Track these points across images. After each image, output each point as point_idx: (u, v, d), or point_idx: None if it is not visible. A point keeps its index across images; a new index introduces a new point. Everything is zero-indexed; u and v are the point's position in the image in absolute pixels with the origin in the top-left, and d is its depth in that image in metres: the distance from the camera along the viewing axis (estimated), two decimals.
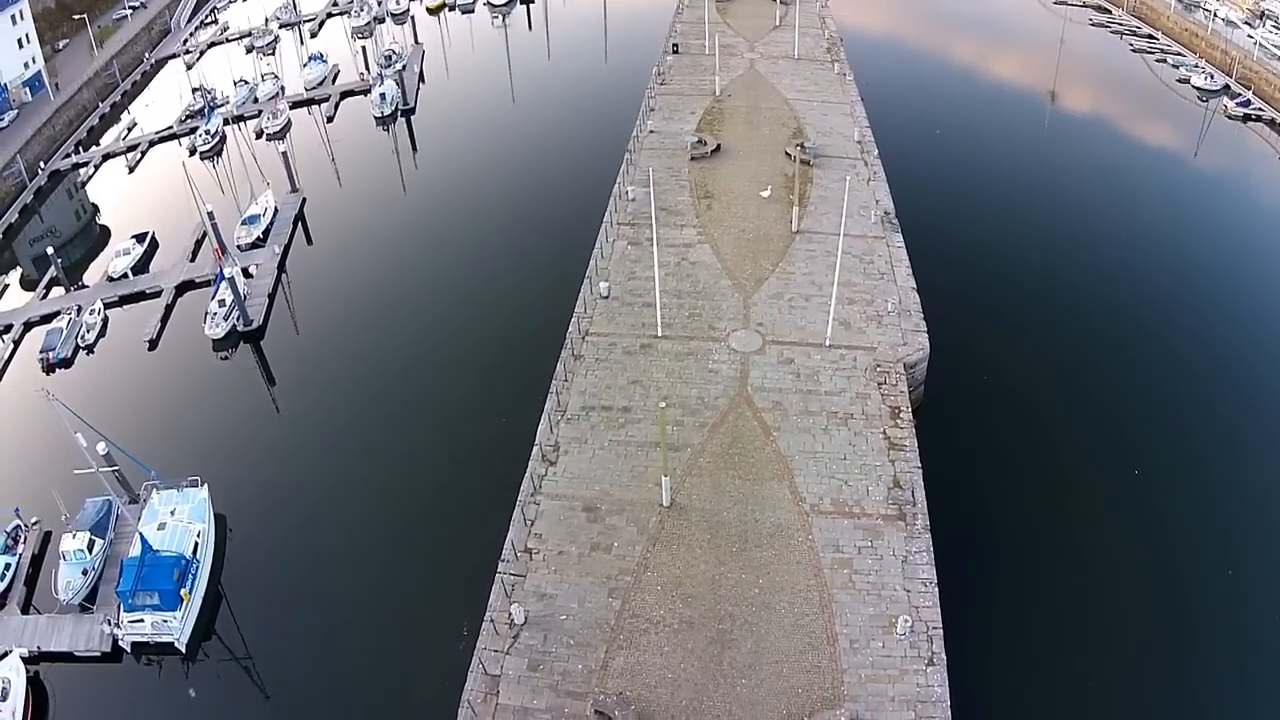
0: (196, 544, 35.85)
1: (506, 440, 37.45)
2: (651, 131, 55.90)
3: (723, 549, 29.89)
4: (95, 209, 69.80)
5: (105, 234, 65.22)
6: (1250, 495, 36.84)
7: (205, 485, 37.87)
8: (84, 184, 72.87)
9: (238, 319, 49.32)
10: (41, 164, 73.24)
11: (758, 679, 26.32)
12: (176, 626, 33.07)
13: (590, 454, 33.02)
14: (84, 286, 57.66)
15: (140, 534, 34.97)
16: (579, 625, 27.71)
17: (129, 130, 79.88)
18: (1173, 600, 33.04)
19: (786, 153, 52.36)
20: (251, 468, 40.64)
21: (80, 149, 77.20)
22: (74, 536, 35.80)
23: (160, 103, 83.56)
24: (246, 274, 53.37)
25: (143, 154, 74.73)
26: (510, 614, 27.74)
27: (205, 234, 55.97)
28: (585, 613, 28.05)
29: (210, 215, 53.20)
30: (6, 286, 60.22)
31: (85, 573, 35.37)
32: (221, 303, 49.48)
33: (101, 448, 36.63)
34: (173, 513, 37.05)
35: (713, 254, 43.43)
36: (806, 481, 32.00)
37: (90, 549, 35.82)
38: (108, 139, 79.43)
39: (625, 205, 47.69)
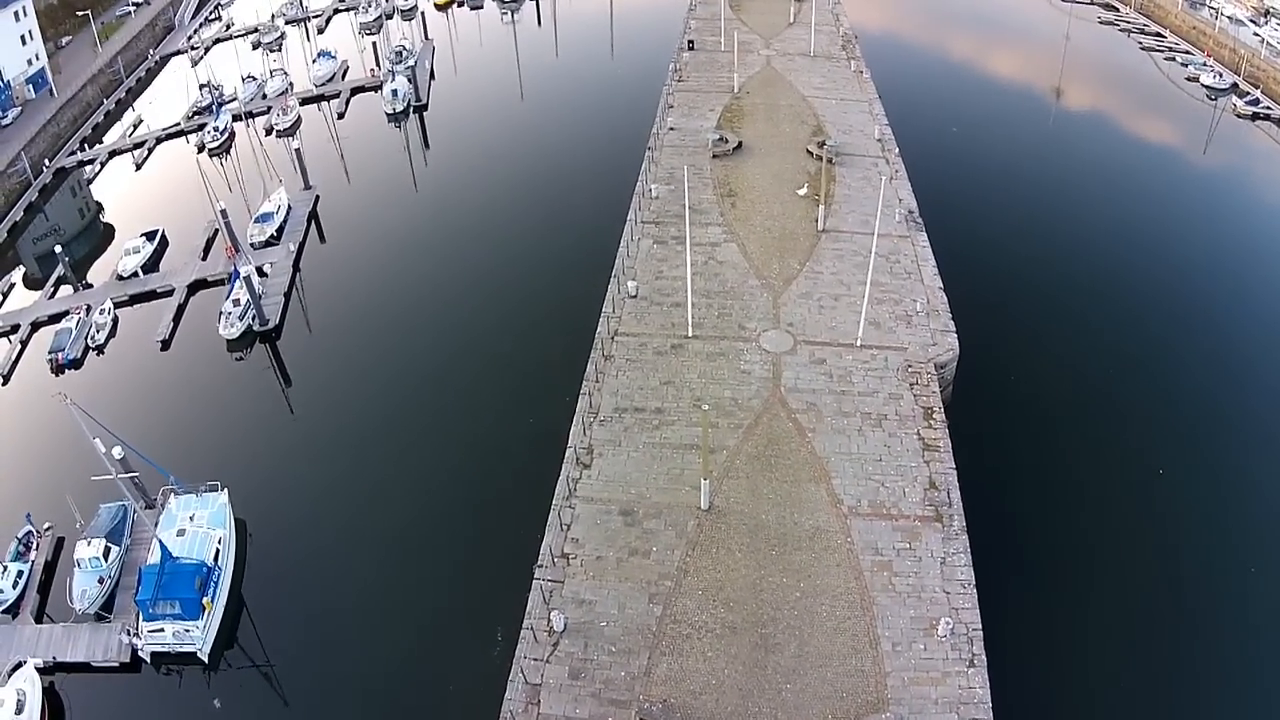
0: (218, 550, 35.02)
1: (535, 441, 37.09)
2: (671, 129, 55.23)
3: (762, 552, 29.40)
4: (102, 207, 68.93)
5: (113, 232, 64.38)
6: (1270, 492, 36.68)
7: (225, 490, 37.10)
8: (90, 181, 72.04)
9: (254, 318, 48.52)
10: (46, 161, 72.31)
11: (802, 683, 25.93)
12: (199, 636, 32.31)
13: (625, 456, 32.44)
14: (92, 285, 56.88)
15: (159, 540, 34.17)
16: (620, 632, 27.18)
17: (135, 127, 78.95)
18: (1199, 597, 32.96)
19: (808, 150, 51.81)
20: (271, 471, 39.95)
21: (85, 146, 76.25)
22: (89, 544, 34.98)
23: (166, 100, 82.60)
24: (261, 272, 52.43)
25: (150, 151, 73.85)
26: (550, 621, 27.18)
27: (217, 232, 55.21)
28: (626, 619, 27.52)
29: (223, 213, 52.38)
30: (13, 286, 59.29)
31: (101, 581, 34.60)
32: (236, 302, 48.68)
33: (118, 452, 35.91)
34: (192, 518, 36.23)
35: (739, 253, 42.86)
36: (843, 483, 31.53)
37: (106, 556, 35.01)
38: (113, 136, 78.51)
39: (648, 203, 47.08)
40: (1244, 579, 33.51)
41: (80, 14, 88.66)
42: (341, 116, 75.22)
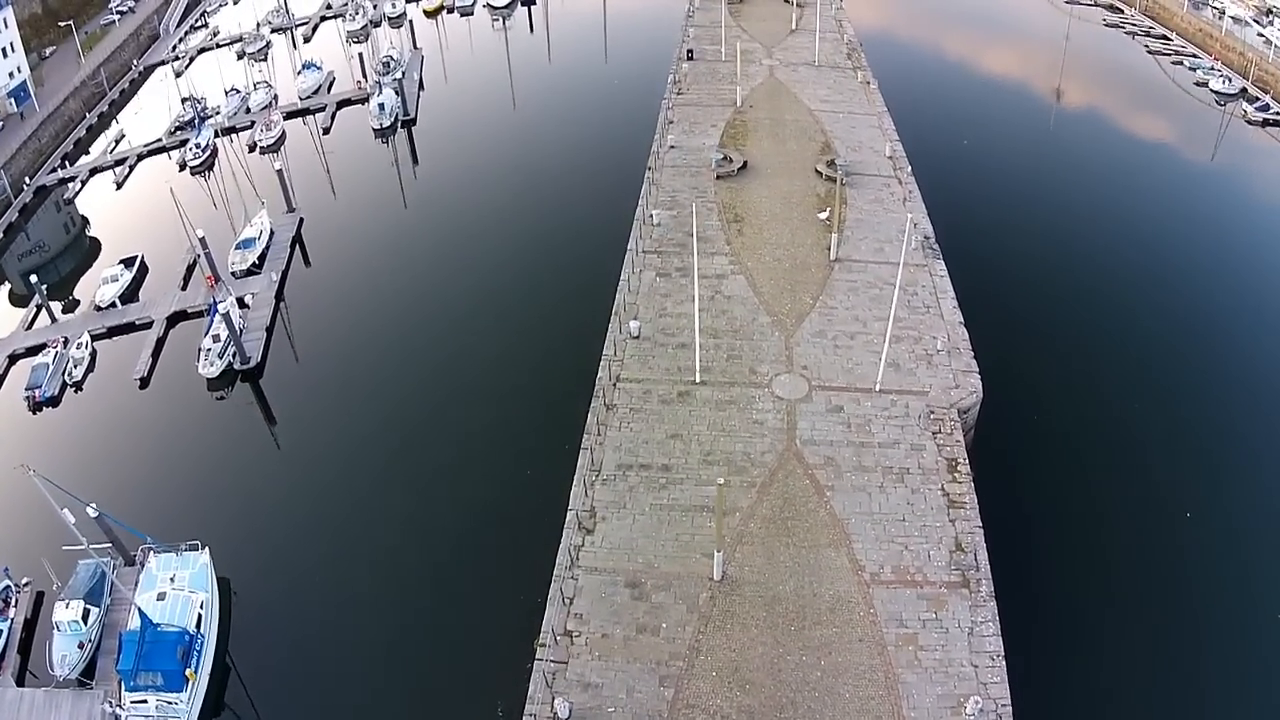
0: (200, 616, 33.14)
1: (533, 493, 35.14)
2: (672, 147, 52.73)
3: (780, 627, 27.35)
4: (82, 228, 66.65)
5: (93, 255, 62.20)
6: None
7: (206, 549, 35.02)
8: (70, 201, 69.58)
9: (234, 356, 46.09)
10: (27, 180, 70.17)
11: None
12: (183, 709, 30.61)
13: (630, 520, 30.22)
14: (77, 301, 55.15)
15: (138, 608, 32.32)
16: (629, 718, 25.13)
17: (116, 143, 76.57)
18: (1236, 659, 31.07)
19: (817, 170, 49.45)
20: (255, 523, 37.67)
21: (67, 163, 73.99)
22: (67, 606, 33.28)
23: (149, 113, 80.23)
24: (241, 304, 50.19)
25: (131, 169, 71.48)
26: (554, 708, 25.13)
27: (198, 258, 52.75)
28: (635, 703, 25.45)
29: (202, 241, 50.05)
30: None
31: (82, 646, 32.89)
32: (216, 338, 46.19)
33: (92, 509, 34.10)
34: (172, 579, 34.31)
35: (748, 286, 40.51)
36: (865, 547, 29.44)
37: (85, 619, 33.25)
38: (95, 152, 76.20)
39: (650, 231, 44.72)
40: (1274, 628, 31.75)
41: (63, 24, 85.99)
42: (327, 132, 72.68)
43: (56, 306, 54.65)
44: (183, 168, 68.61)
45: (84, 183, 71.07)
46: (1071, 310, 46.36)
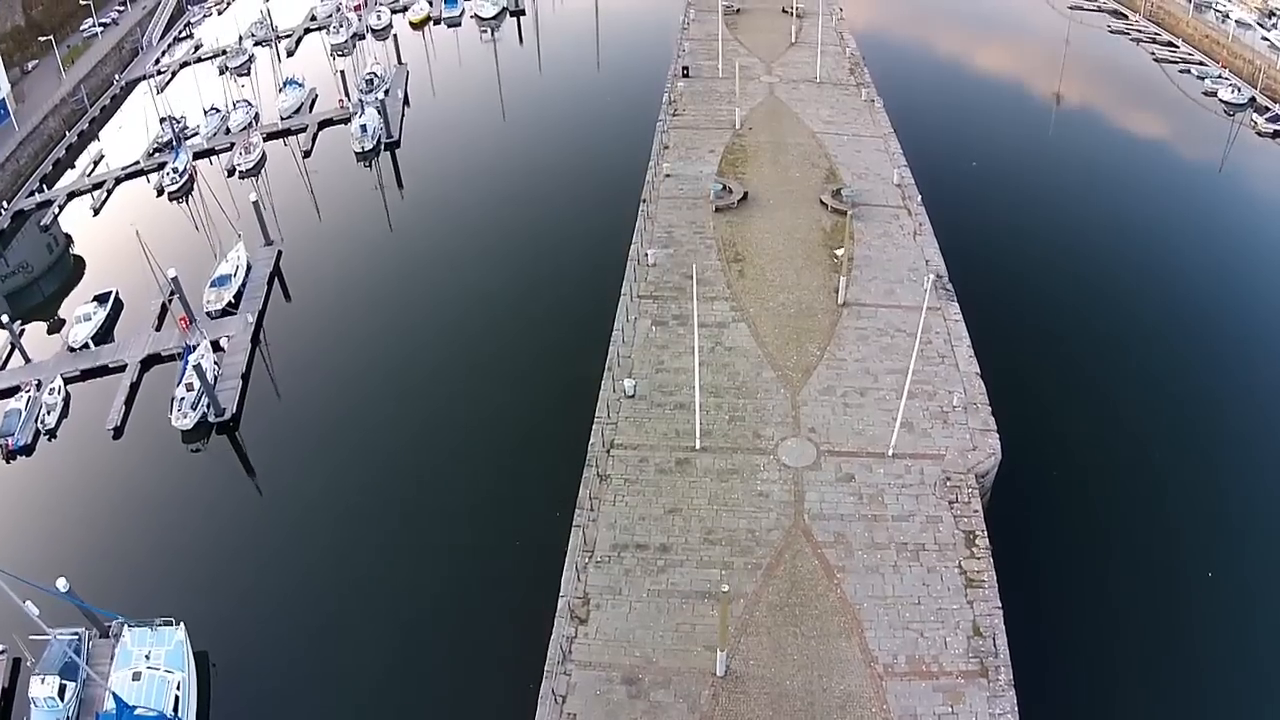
0: (177, 698, 31.41)
1: (523, 566, 33.29)
2: (668, 175, 50.34)
3: None
4: (59, 257, 64.34)
5: (68, 287, 59.83)
6: None
7: (181, 625, 33.08)
8: (47, 228, 67.04)
9: (208, 407, 43.69)
10: (4, 204, 67.87)
11: None
12: None
13: (626, 608, 28.06)
14: (58, 326, 53.42)
15: (113, 693, 30.74)
16: None
17: (95, 164, 74.14)
18: None
19: (822, 201, 47.05)
20: (232, 591, 35.40)
21: (45, 186, 71.57)
22: (43, 681, 31.76)
23: (129, 131, 77.72)
24: (216, 346, 47.92)
25: (109, 193, 69.09)
26: None
27: (174, 294, 50.38)
28: None
29: (174, 281, 47.77)
30: None
31: None
32: (189, 387, 43.84)
33: (62, 583, 32.39)
34: (148, 656, 32.58)
35: (750, 336, 38.12)
36: (878, 635, 27.35)
37: (62, 695, 31.70)
38: (74, 174, 73.75)
39: (645, 272, 42.43)
40: None
41: (43, 38, 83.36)
42: (308, 154, 69.94)
43: (31, 340, 52.36)
44: (160, 193, 66.19)
45: (61, 207, 68.68)
46: (1088, 351, 43.96)
